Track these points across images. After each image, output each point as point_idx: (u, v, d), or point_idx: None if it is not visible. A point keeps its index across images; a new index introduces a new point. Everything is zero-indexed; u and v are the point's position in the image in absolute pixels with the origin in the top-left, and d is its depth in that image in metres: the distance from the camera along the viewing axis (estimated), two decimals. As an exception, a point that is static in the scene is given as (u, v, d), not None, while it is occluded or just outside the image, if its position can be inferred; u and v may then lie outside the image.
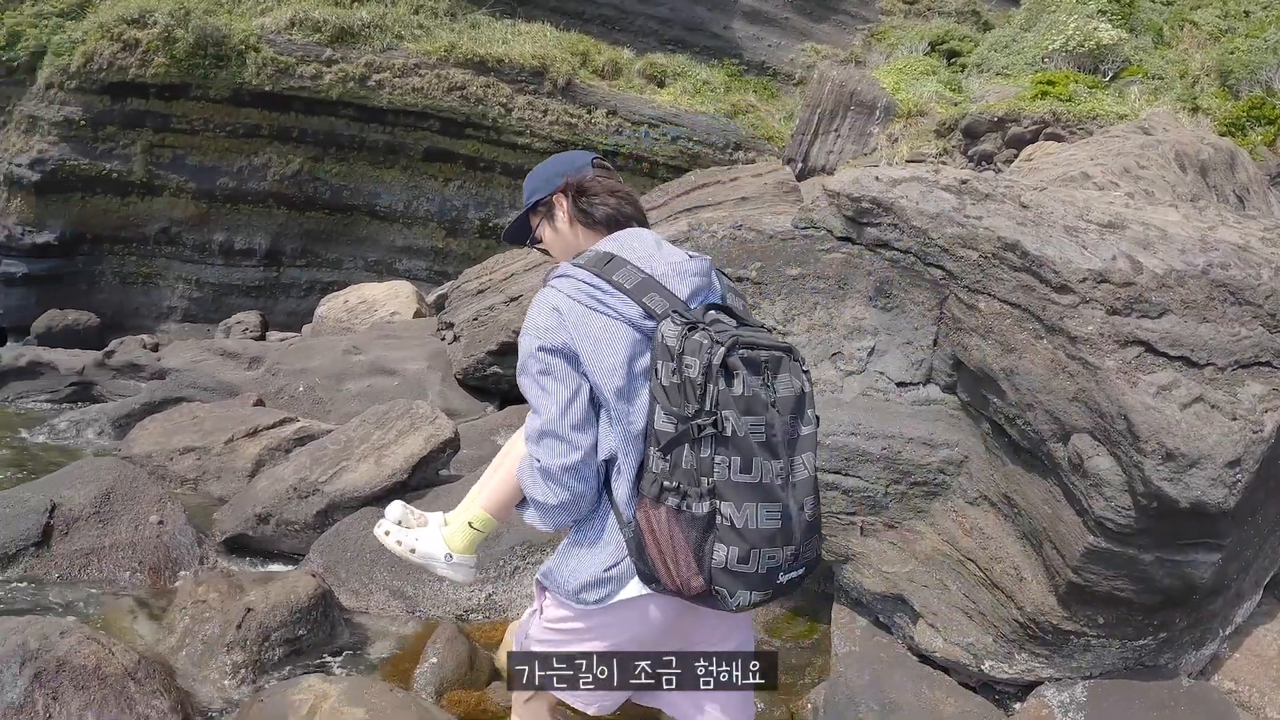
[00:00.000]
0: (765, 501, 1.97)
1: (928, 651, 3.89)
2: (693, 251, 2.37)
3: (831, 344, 4.03)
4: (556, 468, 2.11)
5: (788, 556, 2.02)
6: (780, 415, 2.01)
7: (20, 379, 15.38)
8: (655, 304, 2.11)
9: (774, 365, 2.04)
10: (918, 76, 20.26)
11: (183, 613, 4.68)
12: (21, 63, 20.50)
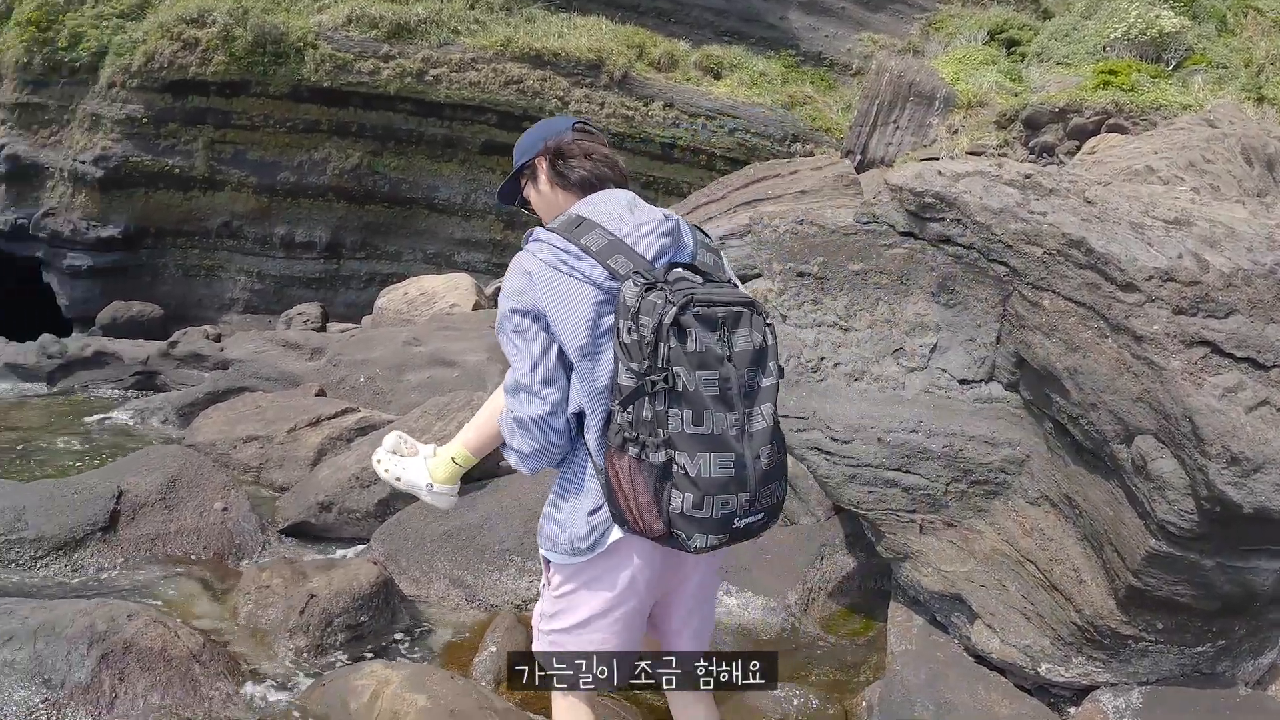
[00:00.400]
0: (717, 451, 2.09)
1: (984, 652, 3.87)
2: (670, 211, 2.46)
3: (893, 340, 3.99)
4: (527, 419, 2.28)
5: (743, 503, 2.13)
6: (737, 368, 2.11)
7: (86, 368, 15.77)
8: (620, 265, 2.21)
9: (731, 320, 2.13)
10: (977, 66, 19.93)
11: (246, 597, 4.77)
12: (84, 63, 20.90)
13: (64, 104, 21.23)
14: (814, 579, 4.96)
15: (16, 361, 15.78)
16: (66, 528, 5.55)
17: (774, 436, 2.20)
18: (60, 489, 5.97)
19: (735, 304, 2.16)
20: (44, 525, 5.54)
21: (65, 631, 3.86)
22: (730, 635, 4.68)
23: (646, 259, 2.26)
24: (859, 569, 4.97)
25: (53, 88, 21.35)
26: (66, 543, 5.50)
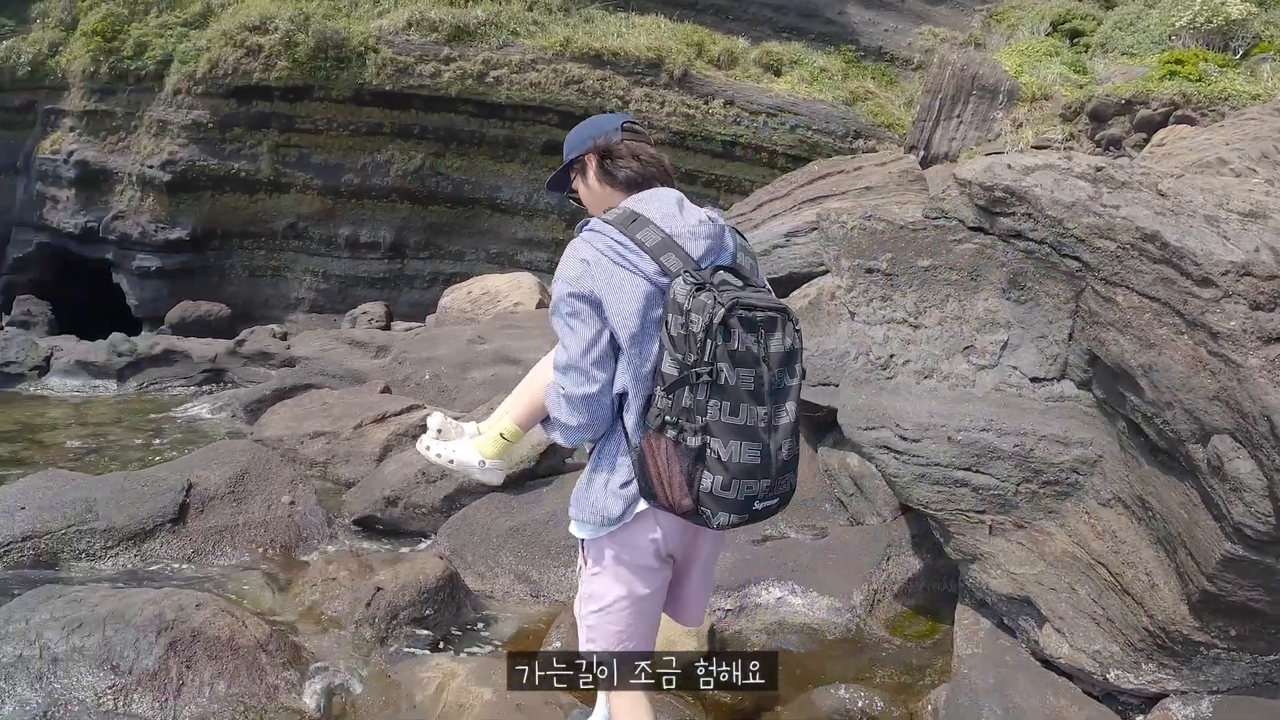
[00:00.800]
0: (748, 441, 2.27)
1: (1052, 657, 3.79)
2: (714, 213, 2.60)
3: (964, 337, 3.93)
4: (578, 396, 2.42)
5: (764, 488, 2.33)
6: (769, 368, 2.31)
7: (155, 366, 16.11)
8: (671, 263, 2.37)
9: (769, 324, 2.32)
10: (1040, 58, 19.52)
11: (313, 589, 4.84)
12: (149, 71, 21.40)
13: (131, 111, 21.73)
14: (880, 580, 4.91)
15: (88, 359, 16.15)
16: (136, 519, 5.67)
17: (794, 431, 2.39)
18: (130, 481, 6.11)
19: (771, 309, 2.34)
20: (114, 516, 5.66)
21: (134, 619, 3.93)
22: (795, 635, 4.65)
23: (694, 259, 2.41)
24: (925, 570, 4.91)
25: (119, 95, 21.88)
26: (136, 534, 5.62)
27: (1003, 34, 22.61)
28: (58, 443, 10.45)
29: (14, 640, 3.85)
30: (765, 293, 2.42)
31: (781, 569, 4.96)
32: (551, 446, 6.09)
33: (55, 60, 22.94)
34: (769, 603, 4.83)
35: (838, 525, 5.48)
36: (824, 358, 5.43)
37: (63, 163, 22.00)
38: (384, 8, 20.87)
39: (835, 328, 5.46)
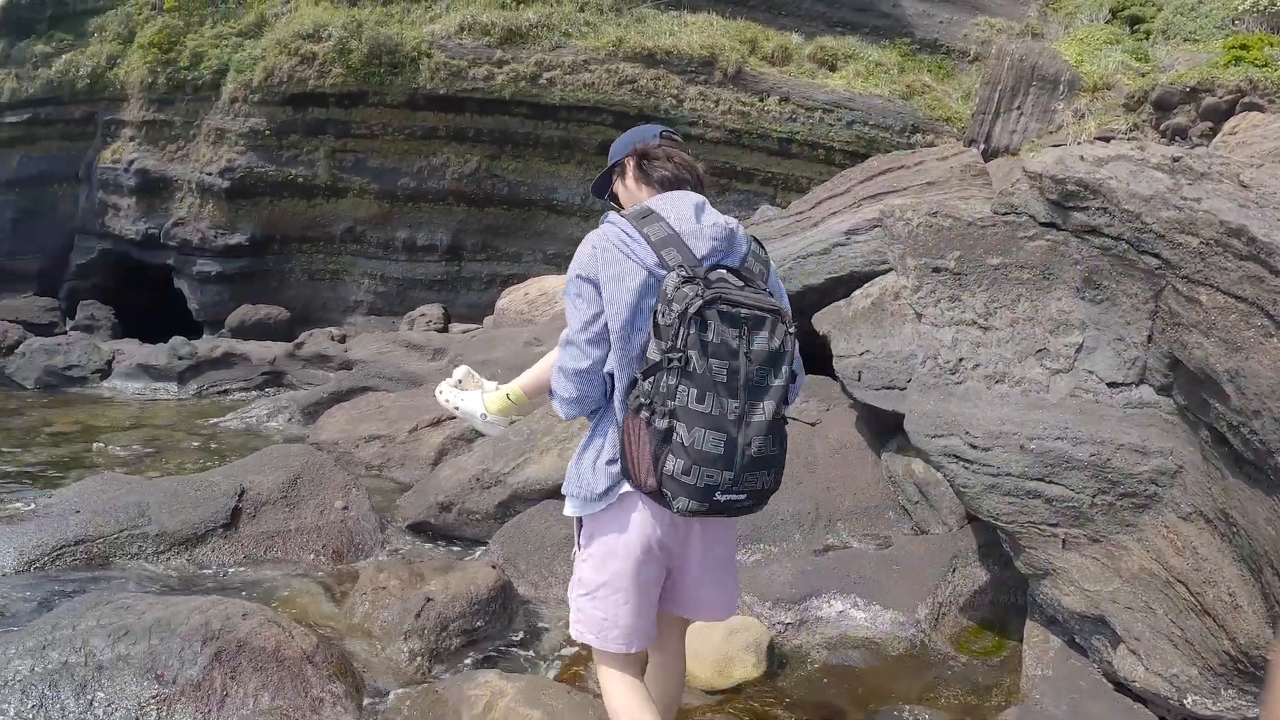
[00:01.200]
0: (712, 430, 2.34)
1: (1126, 680, 3.58)
2: (731, 220, 2.68)
3: (1036, 339, 3.73)
4: (571, 369, 2.58)
5: (726, 480, 2.36)
6: (750, 364, 2.38)
7: (215, 369, 16.35)
8: (670, 257, 2.47)
9: (754, 322, 2.39)
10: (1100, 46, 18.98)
11: (363, 598, 4.76)
12: (206, 80, 21.76)
13: (189, 120, 22.07)
14: (945, 592, 4.72)
15: (149, 363, 16.43)
16: (189, 524, 5.68)
17: (771, 430, 2.42)
18: (184, 486, 6.12)
19: (761, 309, 2.41)
20: (167, 521, 5.66)
21: (180, 628, 3.88)
22: (857, 650, 4.49)
23: (696, 257, 2.50)
24: (992, 581, 4.72)
25: (177, 105, 22.26)
26: (188, 538, 5.62)
27: (1060, 22, 22.09)
28: (116, 444, 10.58)
29: (60, 647, 3.82)
30: (762, 295, 2.48)
31: (844, 581, 4.80)
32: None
33: (114, 72, 23.43)
34: (830, 616, 4.67)
35: (901, 534, 5.30)
36: (888, 360, 5.25)
37: (123, 171, 22.43)
38: (436, 12, 20.97)
39: (899, 329, 5.29)
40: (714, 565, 2.75)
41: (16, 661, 3.78)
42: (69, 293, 24.07)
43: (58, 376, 16.19)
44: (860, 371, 5.42)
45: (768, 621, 4.63)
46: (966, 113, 19.21)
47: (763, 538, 5.25)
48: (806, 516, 5.38)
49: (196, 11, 22.95)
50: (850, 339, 5.68)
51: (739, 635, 4.23)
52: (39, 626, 4.03)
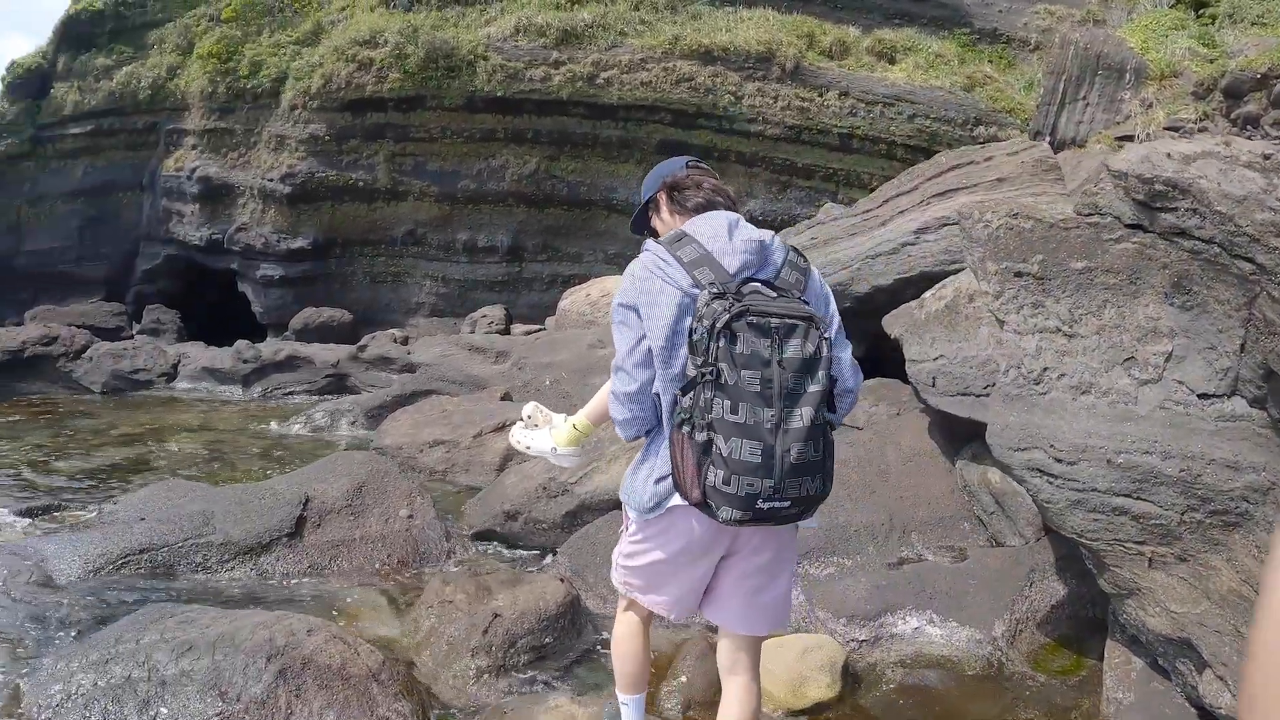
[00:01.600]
0: (749, 439, 2.38)
1: (1212, 706, 3.40)
2: (766, 233, 2.75)
3: (1124, 348, 3.56)
4: (622, 393, 2.70)
5: (767, 488, 2.39)
6: (784, 371, 2.41)
7: (279, 371, 16.54)
8: (703, 275, 2.56)
9: (785, 330, 2.44)
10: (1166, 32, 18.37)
11: (429, 611, 4.68)
12: (265, 89, 22.06)
13: (249, 127, 22.39)
14: (1022, 608, 4.57)
15: (214, 366, 16.66)
16: (253, 533, 5.66)
17: (811, 436, 2.43)
18: (249, 494, 6.12)
19: (792, 317, 2.46)
20: (231, 530, 5.66)
21: (244, 644, 3.84)
22: (933, 669, 4.35)
23: (729, 273, 2.57)
24: (1070, 596, 4.56)
25: (237, 113, 22.59)
26: (253, 548, 5.60)
27: (1122, 8, 21.52)
28: (182, 448, 10.72)
29: (123, 661, 3.81)
30: (795, 303, 2.54)
31: (919, 596, 4.66)
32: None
33: (174, 83, 23.88)
34: (906, 633, 4.54)
35: (977, 546, 5.13)
36: (963, 365, 5.07)
37: (186, 179, 22.83)
38: (491, 15, 21.02)
39: (975, 333, 5.12)
40: (756, 571, 2.79)
41: (80, 675, 3.78)
42: (135, 297, 24.59)
43: (124, 380, 16.47)
44: (935, 377, 5.26)
45: (842, 638, 4.50)
46: (1030, 104, 18.80)
47: (836, 550, 5.12)
48: (880, 528, 5.24)
49: (254, 21, 23.32)
50: (924, 343, 5.51)
51: (813, 654, 4.12)
52: (102, 639, 4.03)
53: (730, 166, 19.74)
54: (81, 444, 10.97)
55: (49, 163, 25.87)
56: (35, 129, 25.86)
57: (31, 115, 25.93)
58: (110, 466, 9.65)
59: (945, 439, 5.67)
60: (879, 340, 6.81)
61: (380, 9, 21.66)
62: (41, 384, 16.46)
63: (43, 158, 25.93)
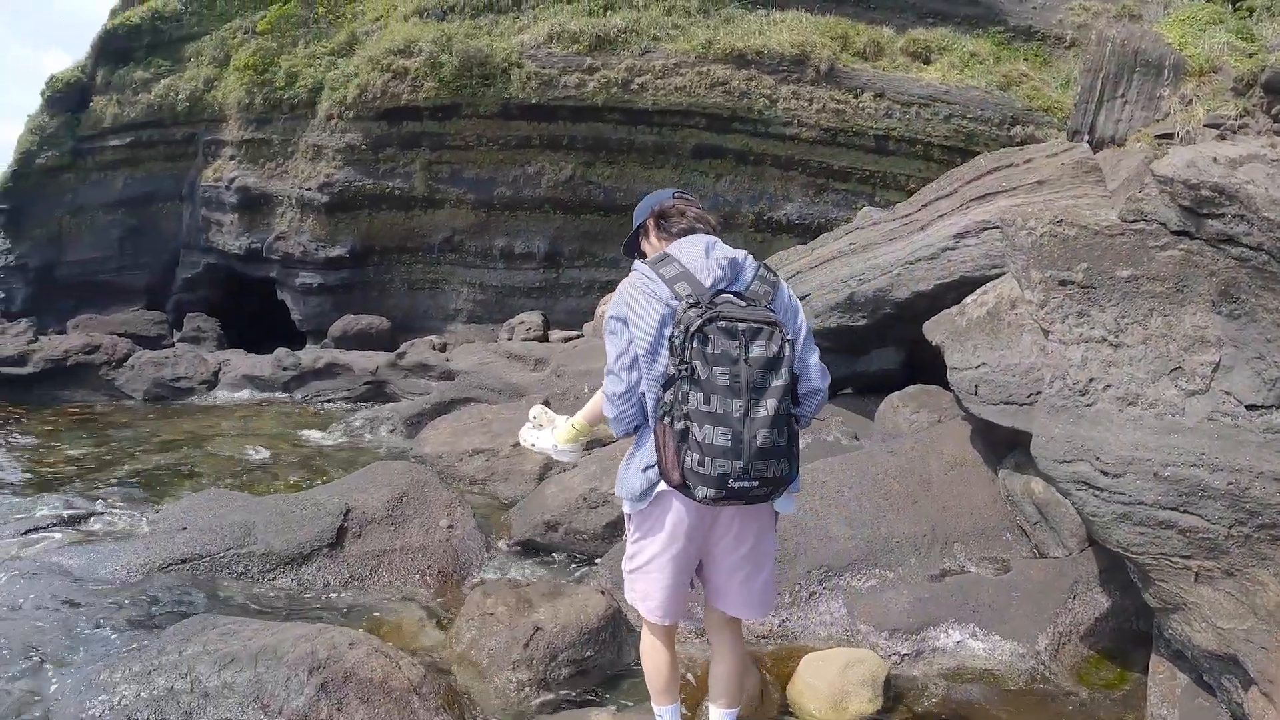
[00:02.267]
0: (720, 426, 2.75)
1: (1255, 726, 3.33)
2: (739, 252, 3.14)
3: (1170, 357, 3.49)
4: (612, 394, 3.08)
5: (736, 468, 2.75)
6: (750, 368, 2.78)
7: (318, 379, 16.66)
8: (681, 289, 2.94)
9: (750, 333, 2.81)
10: (1203, 26, 18.06)
11: (469, 624, 4.68)
12: (301, 99, 22.27)
13: (286, 138, 22.62)
14: (1065, 621, 4.51)
15: (254, 373, 16.83)
16: (294, 544, 5.70)
17: (775, 424, 2.78)
18: (290, 505, 6.16)
19: (758, 322, 2.83)
20: (273, 540, 5.70)
21: (286, 656, 3.87)
22: (975, 684, 4.30)
23: (705, 286, 2.95)
24: (1113, 608, 4.50)
25: (274, 124, 22.84)
26: (294, 558, 5.63)
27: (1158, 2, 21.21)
28: (223, 455, 10.82)
29: (166, 672, 3.85)
30: (761, 310, 2.90)
31: (962, 609, 4.61)
32: None
33: (211, 95, 24.19)
34: (948, 647, 4.49)
35: (1020, 557, 5.07)
36: (1006, 374, 5.00)
37: (225, 189, 23.11)
38: (524, 23, 21.11)
39: (1018, 340, 5.05)
40: (742, 562, 3.17)
41: (123, 686, 3.82)
42: (175, 306, 24.91)
43: (166, 388, 16.67)
44: (977, 385, 5.19)
45: (884, 652, 4.47)
46: (1067, 102, 18.61)
47: (878, 562, 5.07)
48: (923, 539, 5.18)
49: (289, 33, 23.58)
50: (965, 350, 5.45)
51: (855, 669, 4.08)
52: (145, 650, 4.08)
53: (766, 170, 19.66)
54: (124, 452, 11.12)
55: (89, 174, 26.30)
56: (75, 142, 26.31)
57: (71, 128, 26.39)
58: (152, 474, 9.77)
59: (987, 447, 5.60)
60: (919, 346, 6.75)
61: (414, 19, 21.82)
62: (84, 392, 16.69)
63: (83, 170, 26.37)
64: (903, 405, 7.22)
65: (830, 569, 5.02)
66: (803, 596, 4.95)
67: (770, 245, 17.65)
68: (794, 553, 5.18)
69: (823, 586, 4.97)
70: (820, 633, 4.76)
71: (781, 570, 5.07)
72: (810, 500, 5.54)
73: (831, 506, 5.48)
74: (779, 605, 4.87)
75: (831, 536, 5.26)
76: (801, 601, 4.93)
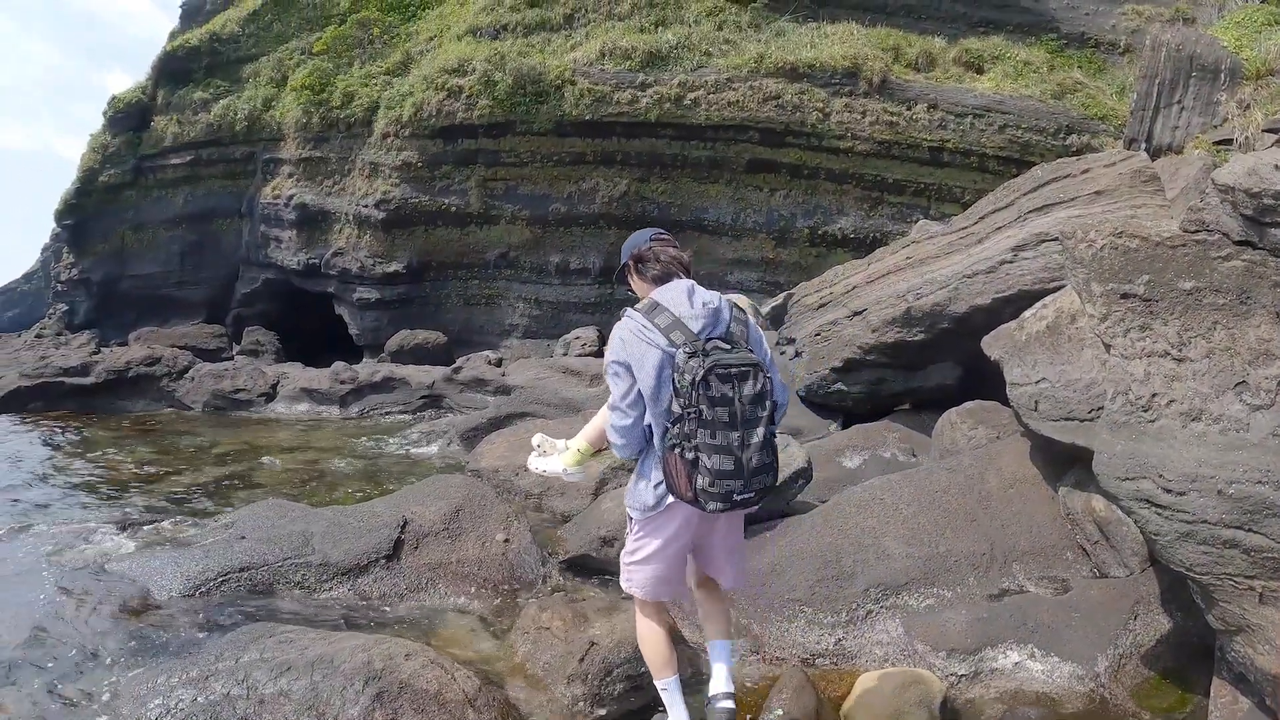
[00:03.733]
0: (723, 455, 3.29)
1: (1318, 751, 3.25)
2: (715, 297, 3.60)
3: (1234, 372, 3.42)
4: (618, 427, 3.57)
5: (739, 485, 3.33)
6: (743, 405, 3.32)
7: (376, 392, 16.87)
8: (676, 337, 3.42)
9: (741, 376, 3.34)
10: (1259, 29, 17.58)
11: (525, 637, 4.71)
12: (358, 118, 22.75)
13: (343, 156, 23.03)
14: (1126, 642, 4.42)
15: (312, 387, 17.08)
16: (352, 554, 5.74)
17: (764, 446, 3.37)
18: (347, 516, 6.22)
19: (744, 365, 3.36)
20: (330, 551, 5.75)
21: (342, 665, 3.91)
22: (1033, 706, 4.23)
23: (694, 333, 3.42)
24: (1175, 630, 4.40)
25: (331, 142, 23.30)
26: (351, 569, 5.68)
27: (1213, 4, 20.80)
28: (282, 467, 11.00)
29: (222, 678, 3.91)
30: (744, 353, 3.43)
31: (1020, 629, 4.54)
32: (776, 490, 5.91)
33: (270, 114, 24.76)
34: (1006, 668, 4.42)
35: (1080, 577, 4.97)
36: (1066, 389, 4.92)
37: (284, 206, 23.56)
38: (576, 40, 21.28)
39: (1079, 355, 4.97)
40: (730, 549, 3.84)
41: (180, 690, 3.88)
42: (234, 320, 25.43)
43: (225, 399, 17.01)
44: (1037, 401, 5.12)
45: (941, 673, 4.41)
46: (1122, 109, 18.34)
47: (936, 581, 5.01)
48: (981, 558, 5.11)
49: (345, 54, 24.06)
50: (1025, 365, 5.37)
51: (911, 690, 4.04)
52: (202, 656, 4.14)
53: (820, 184, 19.59)
54: (184, 461, 11.36)
55: (150, 191, 27.03)
56: (137, 160, 27.08)
57: (133, 147, 27.17)
58: (211, 484, 9.96)
59: (1047, 464, 5.52)
60: (977, 361, 6.68)
61: (467, 38, 22.11)
62: (144, 402, 17.14)
63: (144, 187, 27.12)
64: (961, 421, 7.13)
65: (887, 588, 4.98)
66: (859, 615, 4.90)
67: (825, 260, 17.59)
68: (851, 571, 5.15)
69: (880, 605, 4.93)
70: (876, 652, 4.71)
71: (838, 588, 5.06)
72: (867, 518, 5.50)
73: (889, 524, 5.43)
74: (834, 624, 4.87)
75: (889, 555, 5.22)
76: (858, 620, 4.89)
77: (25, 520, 7.90)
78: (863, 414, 9.05)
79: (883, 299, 8.50)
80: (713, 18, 21.25)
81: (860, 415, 9.04)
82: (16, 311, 50.25)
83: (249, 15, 26.56)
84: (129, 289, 27.43)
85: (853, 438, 8.22)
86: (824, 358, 9.05)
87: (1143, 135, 16.05)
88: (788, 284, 16.38)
